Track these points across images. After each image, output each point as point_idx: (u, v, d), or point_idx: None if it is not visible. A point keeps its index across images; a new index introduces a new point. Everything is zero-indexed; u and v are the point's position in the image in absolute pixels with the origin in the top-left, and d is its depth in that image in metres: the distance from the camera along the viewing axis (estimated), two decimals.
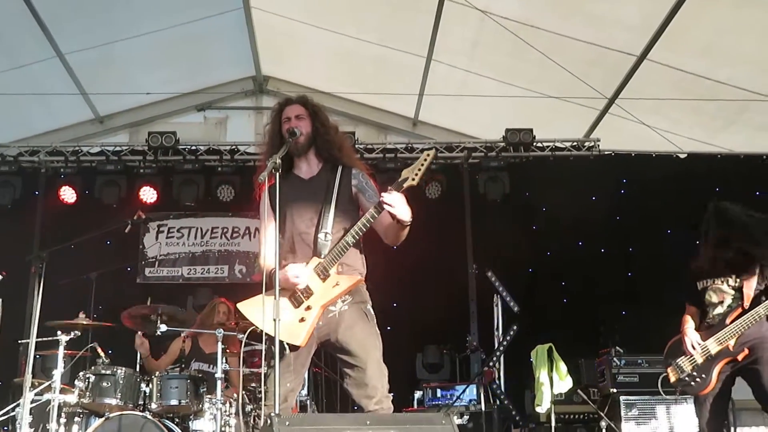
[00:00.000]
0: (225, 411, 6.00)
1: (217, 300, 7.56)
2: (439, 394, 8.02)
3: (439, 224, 9.10)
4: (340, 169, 4.30)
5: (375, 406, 4.01)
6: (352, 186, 4.28)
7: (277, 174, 3.92)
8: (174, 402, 5.97)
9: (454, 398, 7.84)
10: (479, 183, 9.71)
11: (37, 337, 5.91)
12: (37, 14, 8.17)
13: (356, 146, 9.34)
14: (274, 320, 3.70)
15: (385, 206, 3.92)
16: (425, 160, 4.00)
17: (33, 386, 6.02)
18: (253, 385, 6.74)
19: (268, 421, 3.30)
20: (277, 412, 3.49)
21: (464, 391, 7.89)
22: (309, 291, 4.06)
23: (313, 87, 10.18)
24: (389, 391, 4.10)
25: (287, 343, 3.90)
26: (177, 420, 6.04)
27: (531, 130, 9.46)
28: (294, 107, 4.37)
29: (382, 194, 3.95)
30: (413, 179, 3.98)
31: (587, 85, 8.45)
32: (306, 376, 7.01)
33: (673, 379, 5.17)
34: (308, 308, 4.04)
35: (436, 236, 8.88)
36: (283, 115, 4.36)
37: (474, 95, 9.26)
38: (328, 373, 7.39)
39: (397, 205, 3.92)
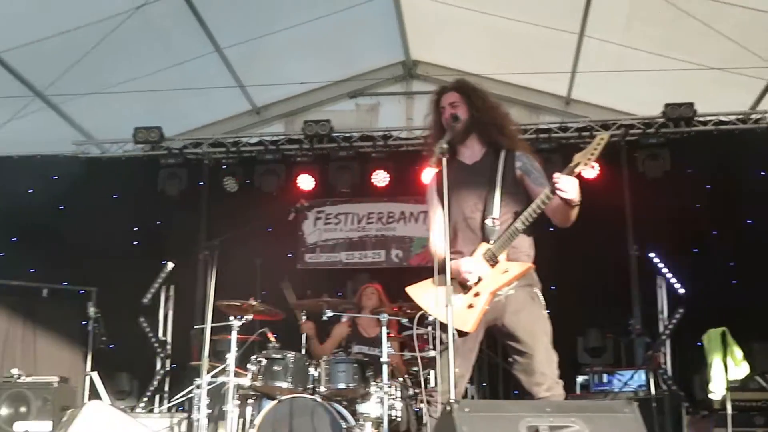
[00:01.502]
0: (391, 395, 6.07)
1: (363, 286, 7.80)
2: (605, 379, 7.84)
3: (597, 204, 8.78)
4: (503, 152, 4.25)
5: (545, 393, 3.99)
6: (516, 169, 4.22)
7: (444, 159, 3.92)
8: (342, 385, 6.08)
9: (622, 384, 7.64)
10: (638, 161, 9.34)
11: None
12: (197, 12, 8.50)
13: None
14: (447, 307, 3.73)
15: (557, 191, 3.84)
16: (599, 144, 3.88)
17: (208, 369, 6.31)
18: (415, 369, 6.80)
19: (447, 408, 3.30)
20: (452, 398, 3.50)
21: (632, 376, 7.67)
22: (479, 277, 4.06)
23: (462, 69, 10.08)
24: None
25: (455, 329, 3.91)
26: (345, 403, 6.15)
27: (692, 104, 9.02)
28: (449, 95, 4.36)
29: (554, 177, 3.87)
30: (586, 163, 3.88)
31: (752, 53, 7.99)
32: None
33: None
34: (477, 294, 4.05)
35: (595, 216, 8.58)
36: (440, 104, 4.36)
37: (629, 70, 8.93)
38: (491, 356, 7.36)
39: (570, 189, 3.83)
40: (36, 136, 9.64)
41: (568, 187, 3.83)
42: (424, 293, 4.17)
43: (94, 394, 8.20)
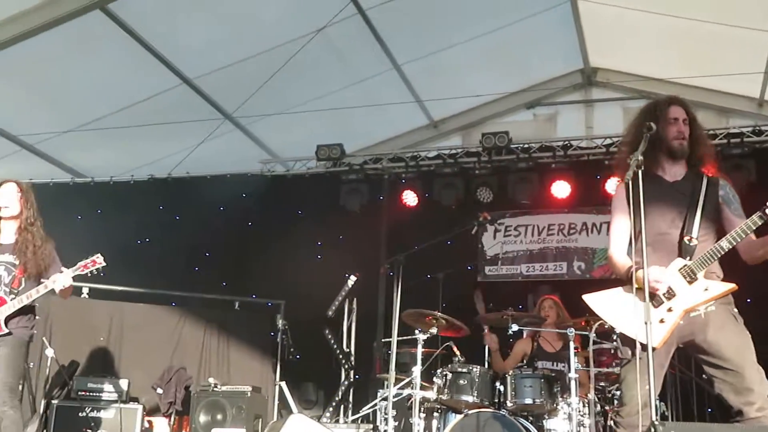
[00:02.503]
0: (580, 411, 5.93)
1: (540, 299, 7.74)
2: None
3: None
4: (705, 178, 4.17)
5: (757, 413, 3.78)
6: (719, 196, 4.13)
7: (640, 171, 3.80)
8: (528, 401, 6.02)
9: None
10: None
11: (389, 336, 6.27)
12: (376, 31, 8.69)
13: None
14: (646, 323, 3.62)
15: None
16: None
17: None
18: (602, 384, 6.62)
19: (651, 430, 3.18)
20: (654, 418, 3.38)
21: None
22: (672, 292, 3.94)
23: (645, 75, 9.79)
24: None
25: (641, 344, 3.75)
26: (531, 419, 6.07)
27: None
28: (678, 109, 4.26)
29: None
30: None
31: None
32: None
33: None
34: (670, 310, 3.92)
35: None
36: (669, 114, 4.23)
37: None
38: (683, 371, 7.04)
39: None
40: (226, 156, 10.18)
41: None
42: (607, 303, 4.09)
43: (283, 404, 8.51)
